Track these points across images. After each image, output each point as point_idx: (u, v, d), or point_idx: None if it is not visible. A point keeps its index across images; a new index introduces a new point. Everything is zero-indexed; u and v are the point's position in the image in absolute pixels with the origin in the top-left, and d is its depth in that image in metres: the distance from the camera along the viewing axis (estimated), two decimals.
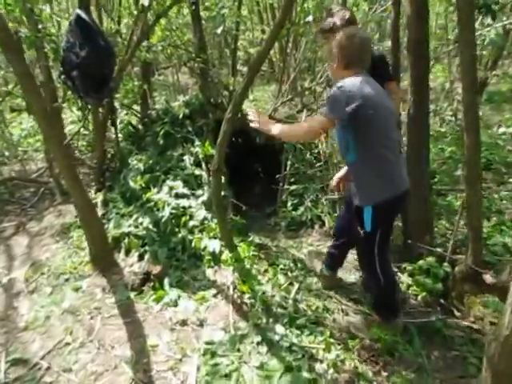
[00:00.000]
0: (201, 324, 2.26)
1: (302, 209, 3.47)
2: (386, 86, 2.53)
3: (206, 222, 3.03)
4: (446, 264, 2.33)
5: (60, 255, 3.08)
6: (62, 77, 2.71)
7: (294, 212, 3.46)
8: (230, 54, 5.32)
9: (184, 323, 2.27)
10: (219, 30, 4.34)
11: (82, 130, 4.56)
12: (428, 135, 2.73)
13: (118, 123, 3.64)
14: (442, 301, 2.30)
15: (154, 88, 10.16)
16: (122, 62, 3.63)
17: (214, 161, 2.19)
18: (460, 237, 3.13)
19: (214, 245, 2.84)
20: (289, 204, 3.53)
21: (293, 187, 3.59)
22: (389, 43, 5.37)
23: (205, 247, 2.84)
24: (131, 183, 3.33)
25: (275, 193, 3.73)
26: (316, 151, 3.98)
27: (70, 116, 6.29)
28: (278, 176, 3.56)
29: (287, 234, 3.31)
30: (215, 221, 3.04)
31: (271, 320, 2.23)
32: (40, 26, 4.47)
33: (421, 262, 2.41)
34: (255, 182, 4.09)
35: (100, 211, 3.36)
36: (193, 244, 2.90)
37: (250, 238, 3.11)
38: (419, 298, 2.36)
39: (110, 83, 2.77)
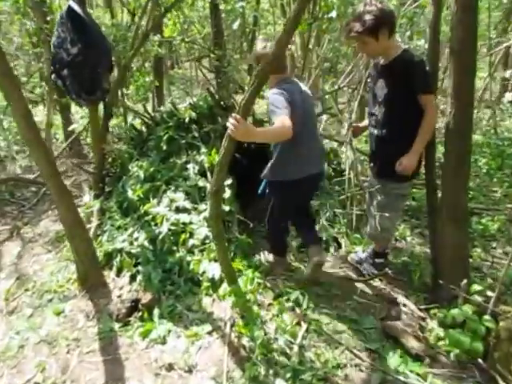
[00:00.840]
0: (189, 370, 1.95)
1: (316, 228, 3.09)
2: (419, 100, 2.16)
3: (207, 241, 2.71)
4: (487, 317, 1.93)
5: (49, 268, 2.84)
6: (53, 76, 2.42)
7: None
8: (248, 49, 4.96)
9: (171, 367, 1.96)
10: (235, 25, 3.99)
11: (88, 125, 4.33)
12: (470, 152, 2.31)
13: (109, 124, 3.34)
14: (481, 362, 1.90)
15: (172, 82, 9.92)
16: (126, 59, 3.34)
17: (212, 181, 1.86)
18: (500, 271, 2.72)
19: (214, 270, 2.52)
20: None
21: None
22: (419, 42, 4.91)
23: (203, 272, 2.53)
24: (129, 192, 3.04)
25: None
26: (335, 162, 3.60)
27: (77, 111, 6.09)
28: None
29: (298, 257, 2.95)
30: None
31: (271, 372, 1.89)
32: (49, 18, 4.23)
33: (455, 312, 2.01)
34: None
35: (95, 221, 3.11)
36: (191, 266, 2.59)
37: (256, 260, 2.78)
38: (452, 356, 1.96)
39: (104, 84, 2.46)
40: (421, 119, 2.18)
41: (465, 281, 2.19)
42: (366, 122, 2.75)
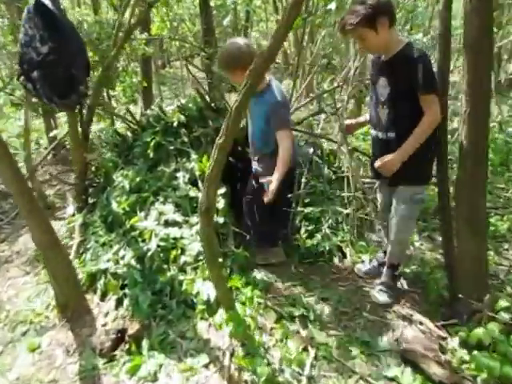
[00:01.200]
0: None
1: (318, 236, 2.86)
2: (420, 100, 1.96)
3: (200, 257, 2.46)
4: None
5: (26, 293, 2.57)
6: (21, 78, 2.15)
7: (308, 240, 2.86)
8: None
9: None
10: (226, 21, 3.73)
11: None
12: (487, 152, 2.09)
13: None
14: None
15: (163, 82, 9.60)
16: (109, 59, 3.07)
17: (202, 198, 1.61)
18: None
19: (209, 290, 2.27)
20: (302, 230, 2.93)
21: (308, 209, 2.98)
22: (417, 36, 4.70)
23: (198, 293, 2.29)
24: (114, 205, 2.78)
25: (286, 214, 3.13)
26: (336, 165, 3.37)
27: (64, 114, 5.78)
28: (290, 195, 2.96)
29: (300, 269, 2.71)
30: None
31: None
32: None
33: (480, 332, 1.79)
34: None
35: (77, 237, 2.85)
36: (183, 287, 2.35)
37: (254, 276, 2.54)
38: (479, 381, 1.75)
39: (79, 86, 2.20)
40: None
41: (488, 296, 1.98)
42: (363, 118, 2.54)
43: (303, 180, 3.06)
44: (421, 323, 2.16)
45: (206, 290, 2.28)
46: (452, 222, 2.14)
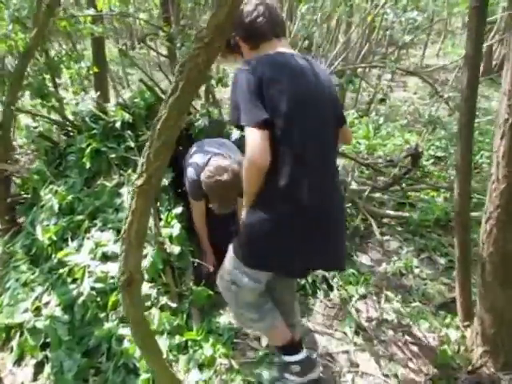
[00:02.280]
0: None
1: None
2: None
3: (147, 303, 1.92)
4: None
5: None
6: None
7: None
8: None
9: None
10: None
11: None
12: None
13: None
14: None
15: (132, 64, 8.75)
16: (28, 43, 2.41)
17: (121, 265, 1.04)
18: None
19: None
20: None
21: None
22: (412, 14, 4.14)
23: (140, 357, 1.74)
24: (39, 231, 2.18)
25: None
26: None
27: None
28: None
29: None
30: (162, 302, 1.94)
31: None
32: None
33: None
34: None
35: None
36: (124, 344, 1.80)
37: (218, 321, 2.02)
38: None
39: None
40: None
41: None
42: None
43: None
44: None
45: None
46: (470, 265, 1.65)
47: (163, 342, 1.80)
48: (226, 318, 2.07)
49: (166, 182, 2.22)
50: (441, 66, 4.84)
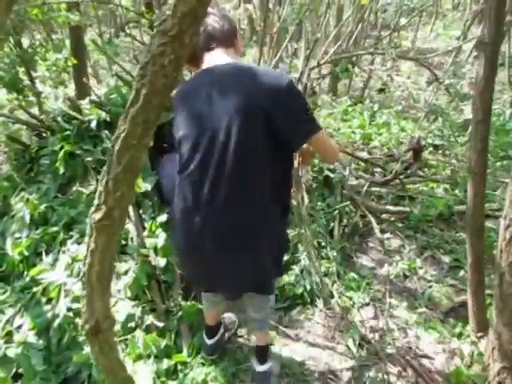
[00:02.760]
0: None
1: (296, 270, 2.18)
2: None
3: (131, 324, 1.74)
4: None
5: None
6: None
7: (284, 277, 2.16)
8: None
9: None
10: None
11: None
12: None
13: None
14: None
15: (117, 53, 8.38)
16: None
17: (83, 313, 0.85)
18: None
19: (142, 380, 1.57)
20: None
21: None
22: None
23: None
24: (9, 245, 1.98)
25: None
26: (316, 168, 2.66)
27: None
28: None
29: (273, 319, 2.03)
30: (147, 321, 1.76)
31: None
32: None
33: None
34: None
35: None
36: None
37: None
38: None
39: None
40: None
41: None
42: None
43: None
44: None
45: (137, 379, 1.57)
46: (483, 275, 1.50)
47: (150, 368, 1.63)
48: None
49: (148, 186, 2.02)
50: (445, 50, 4.61)
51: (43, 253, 1.93)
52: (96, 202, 0.74)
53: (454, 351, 1.73)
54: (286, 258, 2.21)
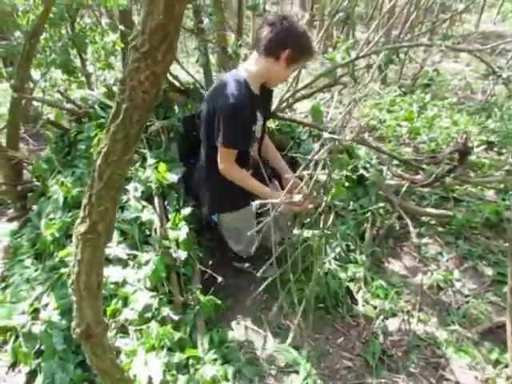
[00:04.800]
0: None
1: (320, 273, 2.09)
2: None
3: (148, 314, 1.76)
4: None
5: None
6: None
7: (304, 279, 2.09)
8: None
9: None
10: None
11: None
12: None
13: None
14: None
15: None
16: (37, 17, 2.23)
17: (74, 317, 0.85)
18: None
19: (153, 371, 1.59)
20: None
21: (307, 233, 2.19)
22: None
23: (135, 375, 1.60)
24: (43, 225, 2.06)
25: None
26: (351, 166, 2.52)
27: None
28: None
29: (289, 320, 1.98)
30: (163, 313, 1.77)
31: None
32: None
33: None
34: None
35: (1, 266, 2.17)
36: (121, 358, 1.67)
37: (231, 338, 1.84)
38: None
39: None
40: None
41: None
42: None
43: None
44: None
45: (147, 370, 1.59)
46: None
47: (161, 360, 1.64)
48: (234, 333, 1.89)
49: (175, 178, 2.01)
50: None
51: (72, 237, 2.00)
52: (81, 214, 0.71)
53: (488, 381, 1.59)
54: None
